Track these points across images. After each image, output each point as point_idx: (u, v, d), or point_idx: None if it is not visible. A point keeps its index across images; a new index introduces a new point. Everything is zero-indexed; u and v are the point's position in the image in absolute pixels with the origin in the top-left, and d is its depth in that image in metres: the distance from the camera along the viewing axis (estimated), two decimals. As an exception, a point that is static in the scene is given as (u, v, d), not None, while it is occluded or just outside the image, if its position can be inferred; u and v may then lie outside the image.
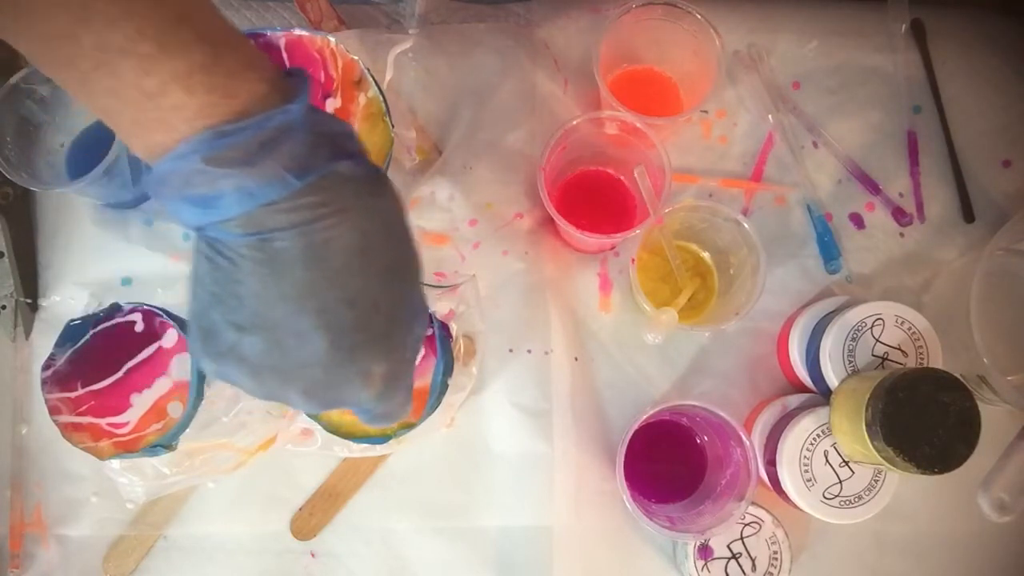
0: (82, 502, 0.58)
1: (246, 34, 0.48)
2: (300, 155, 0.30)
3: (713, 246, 0.60)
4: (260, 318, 0.31)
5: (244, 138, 0.29)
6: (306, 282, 0.31)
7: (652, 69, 0.63)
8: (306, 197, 0.30)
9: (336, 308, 0.31)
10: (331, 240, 0.31)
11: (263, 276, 0.30)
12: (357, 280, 0.31)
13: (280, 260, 0.30)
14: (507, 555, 0.57)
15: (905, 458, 0.45)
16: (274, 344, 0.31)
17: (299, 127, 0.30)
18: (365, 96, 0.50)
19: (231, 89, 0.29)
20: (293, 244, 0.30)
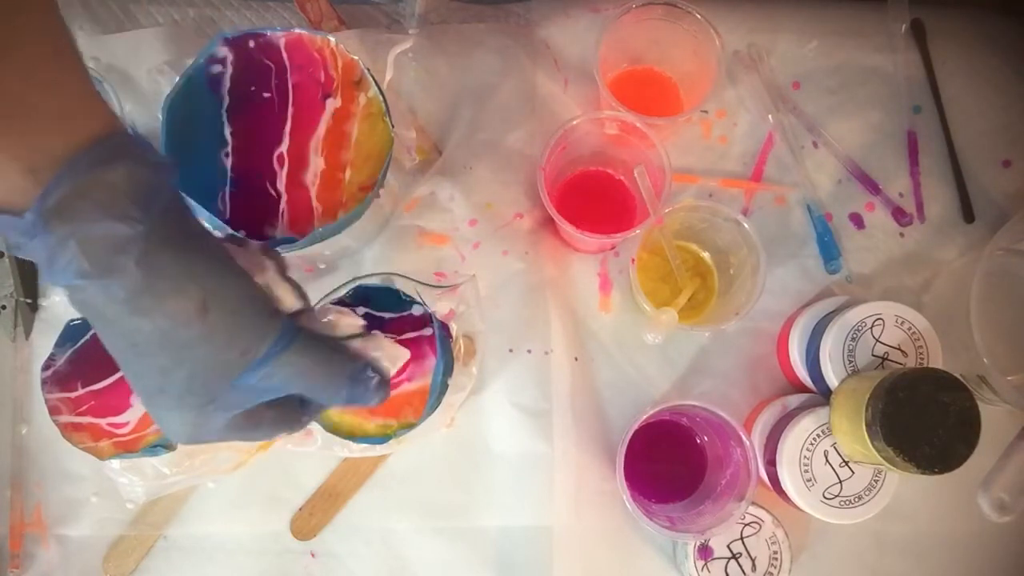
0: (82, 502, 0.58)
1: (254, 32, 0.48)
2: (46, 261, 0.30)
3: (713, 246, 0.60)
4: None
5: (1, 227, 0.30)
6: (108, 345, 0.34)
7: (652, 69, 0.63)
8: (72, 294, 0.32)
9: (130, 375, 0.35)
10: (104, 333, 0.33)
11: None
12: (136, 364, 0.34)
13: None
14: (507, 555, 0.57)
15: (905, 458, 0.45)
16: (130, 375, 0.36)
17: (40, 235, 0.29)
18: (365, 96, 0.50)
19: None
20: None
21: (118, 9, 0.63)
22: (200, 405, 0.35)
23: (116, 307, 0.32)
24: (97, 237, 0.30)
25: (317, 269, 0.59)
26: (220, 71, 0.49)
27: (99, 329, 0.33)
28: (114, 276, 0.31)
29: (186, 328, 0.33)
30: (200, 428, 0.36)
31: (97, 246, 0.30)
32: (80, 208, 0.29)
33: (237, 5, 0.65)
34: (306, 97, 0.50)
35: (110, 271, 0.30)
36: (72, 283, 0.31)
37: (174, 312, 0.32)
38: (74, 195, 0.29)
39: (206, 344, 0.34)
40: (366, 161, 0.50)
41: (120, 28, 0.63)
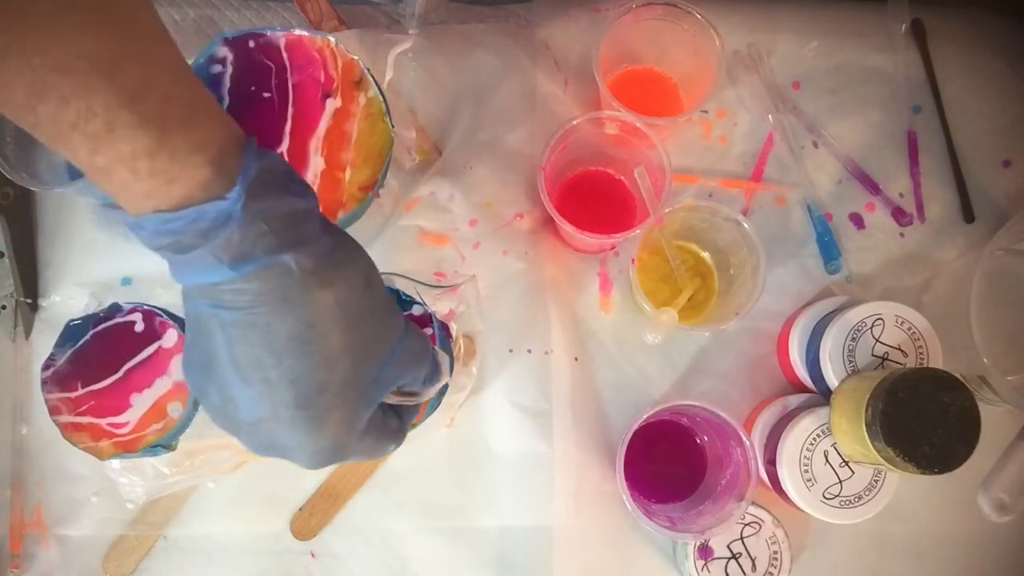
0: (82, 502, 0.58)
1: (254, 32, 0.48)
2: (238, 246, 0.30)
3: (713, 246, 0.60)
4: (218, 374, 0.33)
5: (180, 227, 0.29)
6: (251, 356, 0.32)
7: (652, 69, 0.63)
8: (247, 284, 0.31)
9: (279, 384, 0.32)
10: (272, 325, 0.31)
11: (218, 340, 0.32)
12: (302, 363, 0.32)
13: (230, 332, 0.32)
14: (507, 555, 0.57)
15: (905, 458, 0.45)
16: (228, 399, 0.33)
17: (236, 219, 0.30)
18: (365, 96, 0.50)
19: (173, 175, 0.29)
20: (239, 320, 0.31)
21: (118, 9, 0.63)
22: (356, 398, 0.34)
23: (301, 282, 0.31)
24: (284, 212, 0.31)
25: (317, 269, 0.59)
26: (220, 71, 0.49)
27: (261, 326, 0.31)
28: (305, 245, 0.32)
29: (357, 300, 0.33)
30: (350, 431, 0.34)
31: (286, 220, 0.31)
32: (264, 189, 0.31)
33: (237, 5, 0.65)
34: (306, 97, 0.50)
35: (302, 241, 0.32)
36: (262, 263, 0.30)
37: (352, 279, 0.34)
38: (257, 179, 0.31)
39: (367, 321, 0.34)
40: (366, 161, 0.50)
41: (120, 28, 0.63)
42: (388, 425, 0.38)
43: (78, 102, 0.28)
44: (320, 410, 0.33)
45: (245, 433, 0.34)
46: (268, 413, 0.33)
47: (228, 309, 0.31)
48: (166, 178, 0.29)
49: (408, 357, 0.37)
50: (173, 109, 0.29)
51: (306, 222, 0.33)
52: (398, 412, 0.39)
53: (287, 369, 0.32)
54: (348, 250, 0.35)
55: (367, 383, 0.35)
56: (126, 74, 0.28)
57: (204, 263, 0.30)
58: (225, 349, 0.32)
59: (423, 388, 0.39)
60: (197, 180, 0.30)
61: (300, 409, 0.32)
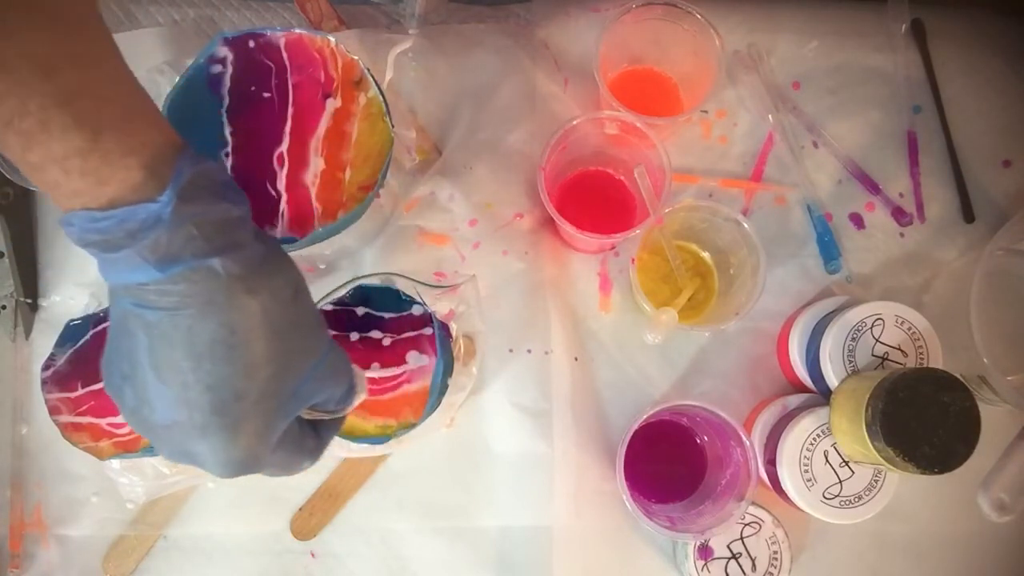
0: (82, 502, 0.58)
1: (254, 32, 0.48)
2: (166, 248, 0.30)
3: (713, 246, 0.60)
4: (136, 375, 0.32)
5: (109, 226, 0.30)
6: (171, 359, 0.32)
7: (652, 69, 0.63)
8: (173, 285, 0.31)
9: (196, 388, 0.32)
10: (194, 328, 0.31)
11: (140, 340, 0.32)
12: (221, 369, 0.32)
13: (152, 332, 0.31)
14: (507, 555, 0.57)
15: (905, 458, 0.45)
16: (144, 401, 0.33)
17: (166, 221, 0.30)
18: (365, 96, 0.50)
19: (105, 176, 0.29)
20: (161, 322, 0.31)
21: (118, 9, 0.64)
22: (273, 410, 0.34)
23: (227, 287, 0.31)
24: (216, 218, 0.32)
25: (317, 269, 0.59)
26: (220, 71, 0.49)
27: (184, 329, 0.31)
28: (234, 251, 0.32)
29: (283, 310, 0.33)
30: (263, 442, 0.34)
31: (217, 226, 0.32)
32: (197, 194, 0.31)
33: (237, 5, 0.65)
34: (306, 97, 0.50)
35: (231, 247, 0.32)
36: (190, 265, 0.30)
37: (279, 289, 0.33)
38: (190, 183, 0.31)
39: (291, 332, 0.34)
40: (366, 161, 0.50)
41: (120, 28, 0.63)
42: (304, 441, 0.38)
43: (12, 100, 0.28)
44: (235, 418, 0.32)
45: (158, 437, 0.34)
46: (183, 417, 0.32)
47: (152, 310, 0.31)
48: (97, 179, 0.29)
49: (329, 374, 0.37)
50: (109, 112, 0.30)
51: (238, 229, 0.33)
52: (316, 429, 0.39)
53: (205, 373, 0.32)
54: (278, 260, 0.35)
55: (286, 395, 0.34)
56: (63, 75, 0.29)
57: (131, 263, 0.30)
58: (146, 350, 0.32)
59: (338, 407, 0.39)
60: (129, 182, 0.30)
61: (215, 415, 0.32)
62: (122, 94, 0.31)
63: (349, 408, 0.40)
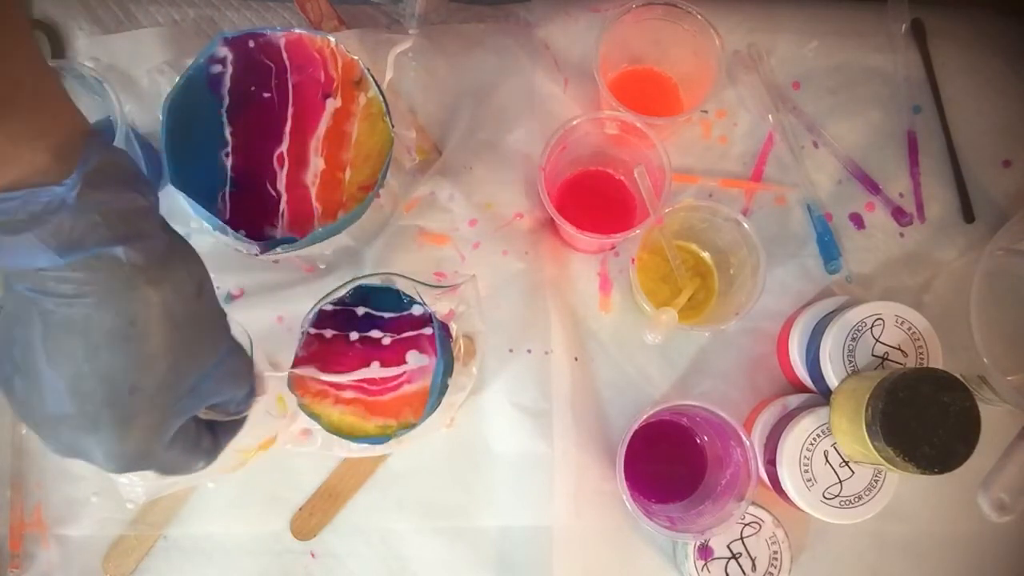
0: (82, 502, 0.58)
1: (254, 32, 0.48)
2: (68, 234, 0.30)
3: (713, 246, 0.60)
4: (27, 364, 0.32)
5: (10, 207, 0.29)
6: (66, 348, 0.31)
7: (652, 69, 0.63)
8: (72, 273, 0.30)
9: (90, 379, 0.31)
10: (92, 317, 0.31)
11: (34, 328, 0.31)
12: (116, 360, 0.32)
13: (47, 320, 0.31)
14: (507, 555, 0.57)
15: (905, 458, 0.45)
16: (35, 391, 0.32)
17: (70, 205, 0.30)
18: (365, 96, 0.50)
19: (8, 156, 0.29)
20: (58, 310, 0.31)
21: (118, 9, 0.63)
22: (168, 405, 0.33)
23: (128, 277, 0.31)
24: (121, 207, 0.31)
25: (317, 269, 0.59)
26: (220, 71, 0.49)
27: (81, 317, 0.31)
28: (138, 241, 0.31)
29: (185, 304, 0.33)
30: (157, 438, 0.34)
31: (122, 214, 0.31)
32: (104, 181, 0.31)
33: (237, 5, 0.65)
34: (306, 97, 0.50)
35: (136, 236, 0.31)
36: (91, 252, 0.30)
37: (180, 284, 0.33)
38: (97, 170, 0.30)
39: (192, 328, 0.33)
40: (366, 161, 0.50)
41: (120, 28, 0.63)
42: (200, 441, 0.37)
43: None
44: (128, 411, 0.32)
45: (46, 428, 0.33)
46: (74, 409, 0.32)
47: (49, 296, 0.31)
48: (1, 158, 0.29)
49: (229, 374, 0.37)
50: (18, 94, 0.29)
51: (143, 219, 0.32)
52: (213, 430, 0.39)
53: (101, 364, 0.31)
54: (183, 254, 0.35)
55: (182, 391, 0.34)
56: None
57: (31, 247, 0.30)
58: (40, 338, 0.31)
59: (237, 408, 0.39)
60: (35, 165, 0.30)
61: (107, 407, 0.32)
62: (32, 76, 0.30)
63: (247, 410, 0.40)
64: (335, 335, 0.51)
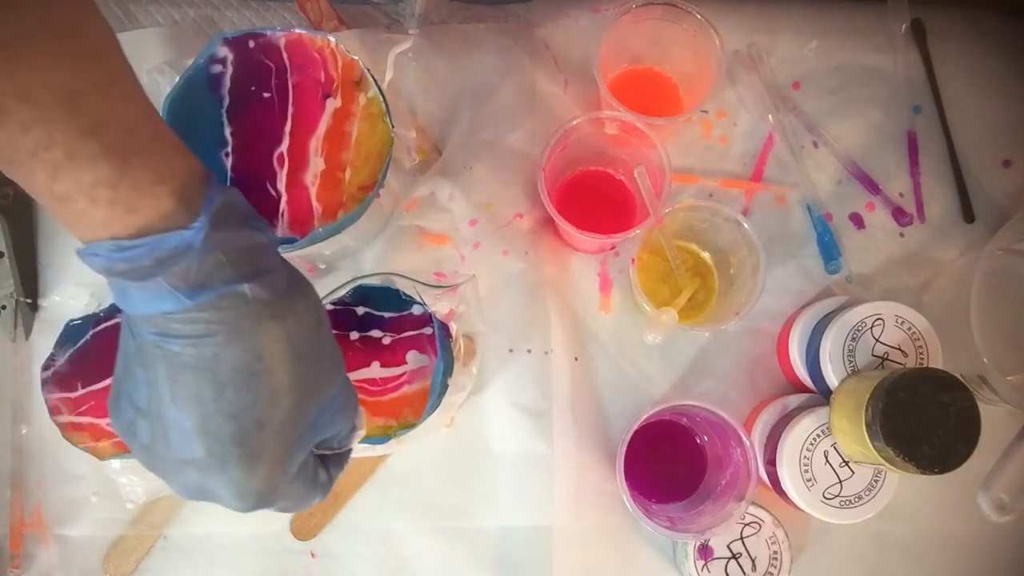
0: (82, 502, 0.58)
1: (253, 32, 0.49)
2: (195, 275, 0.30)
3: (713, 246, 0.60)
4: (153, 408, 0.32)
5: (138, 254, 0.29)
6: (193, 388, 0.31)
7: (652, 69, 0.63)
8: (200, 313, 0.30)
9: (217, 418, 0.31)
10: (220, 355, 0.31)
11: (159, 371, 0.31)
12: (244, 397, 0.32)
13: (173, 362, 0.31)
14: (507, 555, 0.57)
15: (905, 458, 0.45)
16: (161, 435, 0.32)
17: (197, 248, 0.30)
18: (365, 96, 0.50)
19: (134, 205, 0.29)
20: (184, 351, 0.31)
21: (118, 9, 0.64)
22: (293, 440, 0.33)
23: (255, 313, 0.31)
24: (243, 244, 0.32)
25: (317, 269, 0.59)
26: (220, 71, 0.49)
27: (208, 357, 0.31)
28: (261, 277, 0.32)
29: (307, 337, 0.33)
30: (283, 473, 0.33)
31: (244, 252, 0.32)
32: (226, 221, 0.31)
33: (237, 5, 0.65)
34: (306, 97, 0.50)
35: (259, 272, 0.32)
36: (218, 292, 0.30)
37: (304, 315, 0.33)
38: (219, 210, 0.31)
39: (314, 361, 0.34)
40: (366, 161, 0.50)
41: (120, 28, 0.63)
42: (317, 475, 0.37)
43: (39, 130, 0.28)
44: (256, 448, 0.32)
45: (173, 472, 0.33)
46: (202, 450, 0.32)
47: (176, 338, 0.31)
48: (127, 207, 0.29)
49: (342, 407, 0.37)
50: (135, 141, 0.30)
51: (264, 255, 0.33)
52: (326, 464, 0.39)
53: (227, 403, 0.31)
54: (303, 287, 0.35)
55: (305, 425, 0.34)
56: (89, 105, 0.28)
57: (159, 292, 0.30)
58: (165, 380, 0.31)
59: (341, 443, 0.39)
60: (160, 211, 0.30)
61: (235, 446, 0.32)
62: (145, 122, 0.31)
63: (351, 444, 0.40)
64: (335, 335, 0.51)
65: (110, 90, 0.30)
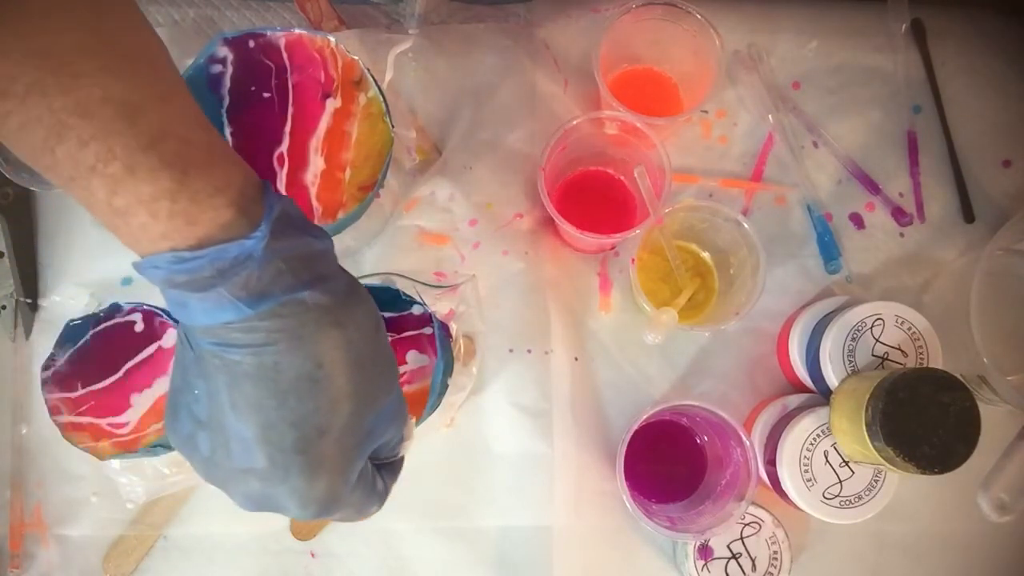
0: (82, 502, 0.58)
1: (254, 32, 0.49)
2: (256, 284, 0.30)
3: (713, 246, 0.60)
4: (213, 418, 0.32)
5: (199, 265, 0.29)
6: (254, 397, 0.31)
7: (652, 69, 0.63)
8: (261, 322, 0.30)
9: (279, 427, 0.31)
10: (281, 364, 0.31)
11: (219, 381, 0.31)
12: (305, 404, 0.31)
13: (234, 372, 0.31)
14: (507, 555, 0.57)
15: (905, 458, 0.45)
16: (221, 445, 0.32)
17: (257, 258, 0.30)
18: (365, 96, 0.50)
19: (193, 216, 0.29)
20: (245, 360, 0.31)
21: (118, 9, 0.63)
22: (353, 446, 0.33)
23: (316, 320, 0.31)
24: (302, 252, 0.32)
25: (317, 269, 0.59)
26: (220, 71, 0.49)
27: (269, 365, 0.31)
28: (321, 283, 0.32)
29: (366, 343, 0.33)
30: (344, 480, 0.33)
31: (303, 260, 0.31)
32: (284, 229, 0.31)
33: (237, 5, 0.65)
34: (306, 97, 0.50)
35: (318, 279, 0.32)
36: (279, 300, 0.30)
37: (363, 321, 0.33)
38: (278, 219, 0.31)
39: (373, 367, 0.34)
40: (366, 161, 0.50)
41: (120, 28, 0.63)
42: (375, 483, 0.37)
43: (98, 145, 0.28)
44: (317, 455, 0.32)
45: (235, 483, 0.33)
46: (264, 459, 0.31)
47: (236, 348, 0.31)
48: (186, 219, 0.29)
49: (396, 412, 0.37)
50: (192, 152, 0.30)
51: (323, 262, 0.33)
52: (382, 473, 0.38)
53: (289, 411, 0.31)
54: (361, 293, 0.35)
55: (364, 432, 0.34)
56: (146, 118, 0.29)
57: (220, 302, 0.30)
58: (226, 391, 0.31)
59: (391, 451, 0.38)
60: (219, 221, 0.30)
61: (298, 453, 0.32)
62: (200, 133, 0.31)
63: (402, 452, 0.39)
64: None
65: (166, 103, 0.30)
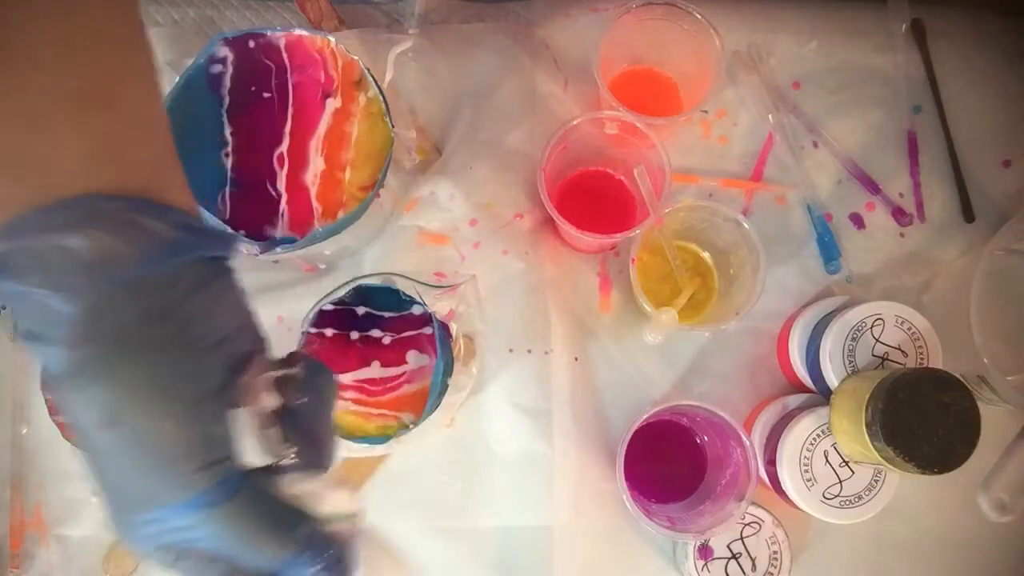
0: (82, 502, 0.58)
1: (253, 32, 0.49)
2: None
3: (713, 246, 0.60)
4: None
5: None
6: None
7: (652, 69, 0.63)
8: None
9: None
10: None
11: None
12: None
13: None
14: (507, 555, 0.57)
15: (905, 458, 0.45)
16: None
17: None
18: (365, 96, 0.50)
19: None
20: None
21: (118, 9, 0.63)
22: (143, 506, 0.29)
23: (54, 374, 0.28)
24: (34, 304, 0.27)
25: (317, 269, 0.59)
26: (220, 71, 0.49)
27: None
28: (48, 346, 0.27)
29: (96, 431, 0.28)
30: (127, 533, 0.30)
31: (34, 312, 0.27)
32: (26, 268, 0.26)
33: (237, 5, 0.65)
34: (306, 97, 0.50)
35: (45, 341, 0.27)
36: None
37: (86, 408, 0.28)
38: (23, 252, 0.26)
39: (117, 458, 0.28)
40: (366, 161, 0.50)
41: (120, 28, 0.63)
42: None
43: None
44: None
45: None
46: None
47: None
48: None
49: (220, 529, 0.30)
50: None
51: (56, 326, 0.27)
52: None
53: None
54: (99, 376, 0.28)
55: (134, 511, 0.29)
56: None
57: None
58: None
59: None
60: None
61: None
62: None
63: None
64: (335, 334, 0.51)
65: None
